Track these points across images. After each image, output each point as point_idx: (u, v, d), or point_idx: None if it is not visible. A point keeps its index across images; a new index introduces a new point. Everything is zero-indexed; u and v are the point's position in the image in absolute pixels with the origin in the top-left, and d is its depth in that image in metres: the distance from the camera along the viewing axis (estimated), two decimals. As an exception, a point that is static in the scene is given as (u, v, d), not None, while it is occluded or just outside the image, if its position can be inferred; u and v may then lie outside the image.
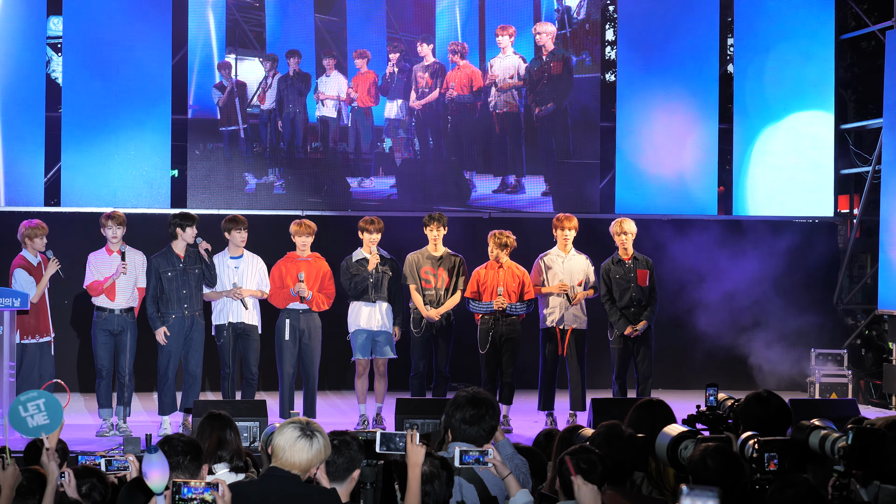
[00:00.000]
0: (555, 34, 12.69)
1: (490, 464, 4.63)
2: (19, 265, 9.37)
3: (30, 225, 9.43)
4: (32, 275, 9.35)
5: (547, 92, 12.66)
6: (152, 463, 3.89)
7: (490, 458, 4.61)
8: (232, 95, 12.30)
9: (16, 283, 9.30)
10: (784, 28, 12.92)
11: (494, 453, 4.64)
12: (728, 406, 5.34)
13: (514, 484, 4.68)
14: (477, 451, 4.61)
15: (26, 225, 9.44)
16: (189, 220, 9.60)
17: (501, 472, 4.69)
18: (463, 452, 4.60)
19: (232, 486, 4.42)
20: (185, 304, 9.55)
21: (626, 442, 4.78)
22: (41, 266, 9.41)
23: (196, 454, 4.57)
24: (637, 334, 9.92)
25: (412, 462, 4.49)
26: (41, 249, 9.42)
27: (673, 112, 12.80)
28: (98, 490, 4.87)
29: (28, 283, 9.31)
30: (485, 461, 4.60)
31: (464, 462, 4.60)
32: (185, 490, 3.95)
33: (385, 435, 4.58)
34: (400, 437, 4.56)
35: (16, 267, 9.36)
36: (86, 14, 12.12)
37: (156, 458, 3.89)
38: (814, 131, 12.94)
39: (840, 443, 4.23)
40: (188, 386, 9.66)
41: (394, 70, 12.55)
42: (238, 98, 12.33)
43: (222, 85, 12.30)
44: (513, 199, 12.66)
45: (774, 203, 12.97)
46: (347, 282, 9.92)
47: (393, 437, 4.57)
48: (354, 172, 12.56)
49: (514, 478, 4.71)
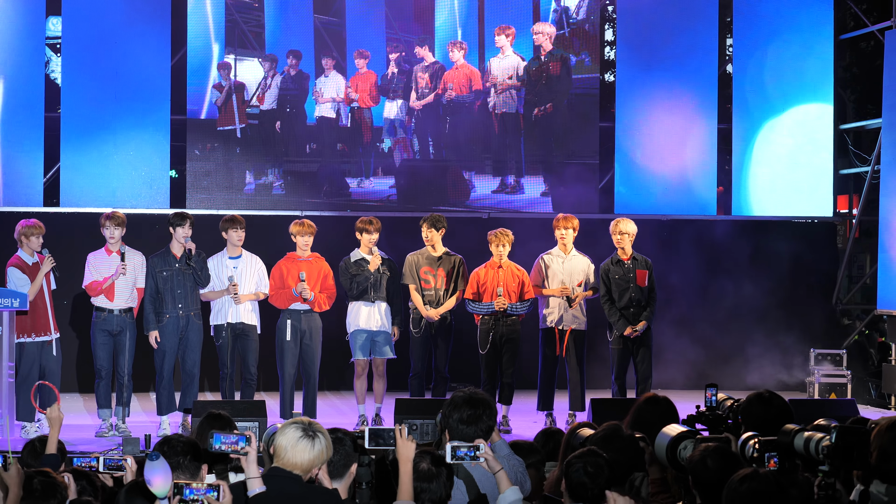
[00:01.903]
0: (553, 35, 12.69)
1: (482, 458, 4.63)
2: (13, 264, 9.38)
3: (26, 224, 9.43)
4: (27, 273, 9.35)
5: (545, 92, 12.66)
6: (154, 469, 3.90)
7: (481, 453, 4.61)
8: (230, 95, 12.29)
9: (10, 281, 9.31)
10: (783, 24, 12.91)
11: (486, 448, 4.65)
12: (728, 406, 5.34)
13: (504, 480, 4.67)
14: (468, 446, 4.62)
15: (23, 224, 9.45)
16: (180, 219, 9.60)
17: (493, 466, 4.68)
18: (455, 448, 4.61)
19: (233, 486, 4.43)
20: (180, 303, 9.55)
21: (626, 442, 4.78)
22: (37, 265, 9.41)
23: (196, 454, 4.58)
24: (636, 335, 9.92)
25: (403, 457, 4.52)
26: (37, 249, 9.42)
27: (672, 112, 12.80)
28: (87, 492, 4.87)
29: (22, 281, 9.31)
30: (476, 456, 4.61)
31: (456, 457, 4.61)
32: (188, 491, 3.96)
33: (373, 430, 4.62)
34: (389, 432, 4.60)
35: (10, 266, 9.38)
36: (85, 14, 12.11)
37: (158, 465, 3.90)
38: (814, 127, 12.91)
39: (824, 442, 4.23)
40: (186, 385, 9.66)
41: (393, 70, 12.55)
42: (237, 98, 12.32)
43: (220, 85, 12.29)
44: (512, 200, 12.66)
45: (774, 203, 12.97)
46: (347, 282, 9.92)
47: (382, 433, 4.61)
48: (353, 173, 12.56)
49: (506, 474, 4.70)
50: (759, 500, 3.96)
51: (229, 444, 4.13)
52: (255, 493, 4.14)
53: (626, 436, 4.82)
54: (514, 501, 4.64)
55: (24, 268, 9.36)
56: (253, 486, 4.16)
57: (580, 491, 4.46)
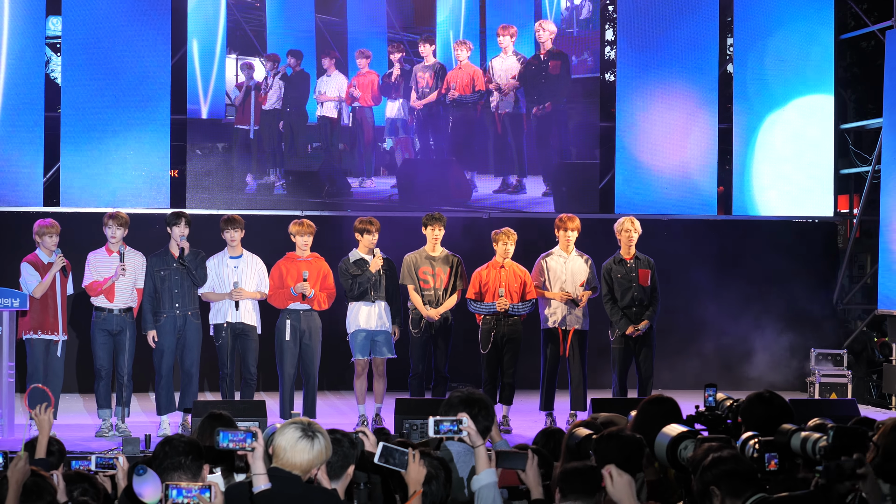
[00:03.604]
0: (555, 33, 12.67)
1: (465, 432, 4.58)
2: (28, 260, 9.47)
3: (42, 224, 9.51)
4: (39, 271, 9.40)
5: (544, 91, 12.65)
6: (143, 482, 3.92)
7: (464, 427, 4.56)
8: (248, 95, 12.28)
9: (22, 276, 9.41)
10: (784, 18, 12.90)
11: (468, 422, 4.60)
12: (727, 406, 5.33)
13: (483, 457, 4.56)
14: (451, 420, 4.57)
15: (39, 224, 9.53)
16: (175, 219, 9.61)
17: (474, 440, 4.61)
18: (438, 422, 4.57)
19: (233, 486, 4.43)
20: (178, 303, 9.55)
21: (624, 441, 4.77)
22: (52, 265, 9.46)
23: (197, 454, 4.57)
24: (639, 334, 9.92)
25: (413, 481, 4.40)
26: (52, 248, 9.45)
27: (672, 112, 12.80)
28: (90, 494, 4.87)
29: (32, 276, 9.38)
30: (459, 430, 4.57)
31: (439, 431, 4.57)
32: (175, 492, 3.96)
33: (387, 448, 4.49)
34: (401, 453, 4.44)
35: (24, 261, 9.46)
36: (85, 14, 12.11)
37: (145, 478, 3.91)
38: (814, 124, 12.88)
39: (821, 443, 4.22)
40: (185, 385, 9.66)
41: (395, 70, 12.54)
42: (255, 98, 12.33)
43: (241, 84, 12.28)
44: (514, 200, 12.65)
45: (774, 203, 12.96)
46: (347, 282, 9.92)
47: (394, 453, 4.48)
48: (355, 173, 12.55)
49: (485, 451, 4.61)
50: None
51: (237, 441, 4.13)
52: (261, 489, 4.13)
53: (625, 436, 4.81)
54: (489, 484, 4.51)
55: (37, 265, 9.42)
56: (258, 482, 4.14)
57: None
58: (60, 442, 5.70)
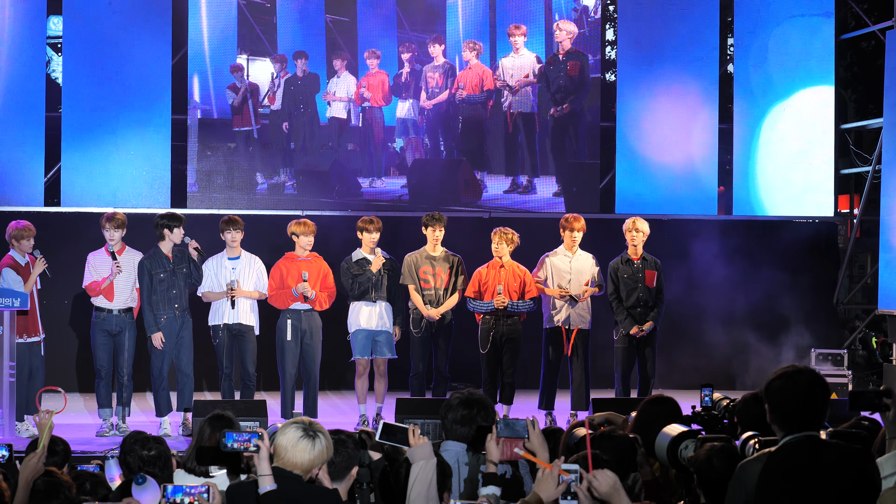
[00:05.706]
0: (575, 34, 12.65)
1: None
2: (7, 265, 9.39)
3: (17, 226, 9.45)
4: (20, 274, 9.36)
5: (564, 93, 12.64)
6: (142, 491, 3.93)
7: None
8: (245, 97, 12.29)
9: (4, 282, 9.32)
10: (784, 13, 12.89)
11: None
12: (724, 406, 5.34)
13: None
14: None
15: (14, 226, 9.47)
16: (176, 221, 9.61)
17: None
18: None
19: (234, 486, 4.44)
20: (176, 303, 9.56)
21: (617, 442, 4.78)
22: (29, 266, 9.43)
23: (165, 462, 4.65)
24: (643, 334, 9.93)
25: (418, 456, 4.41)
26: (28, 251, 9.43)
27: (673, 112, 12.79)
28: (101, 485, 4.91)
29: (16, 282, 9.31)
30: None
31: None
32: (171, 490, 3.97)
33: (388, 425, 4.55)
34: (402, 430, 4.51)
35: (3, 266, 9.38)
36: (86, 14, 12.11)
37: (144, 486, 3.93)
38: (815, 122, 12.87)
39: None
40: (182, 385, 9.67)
41: (405, 70, 12.54)
42: (251, 99, 12.33)
43: (235, 86, 12.29)
44: (524, 200, 12.64)
45: (774, 203, 12.96)
46: (349, 282, 9.92)
47: (395, 429, 4.52)
48: (365, 173, 12.55)
49: None
50: None
51: (242, 441, 4.13)
52: (267, 490, 4.14)
53: (618, 436, 4.83)
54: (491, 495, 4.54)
55: (17, 268, 9.39)
56: (264, 483, 4.15)
57: None
58: (65, 441, 5.69)
